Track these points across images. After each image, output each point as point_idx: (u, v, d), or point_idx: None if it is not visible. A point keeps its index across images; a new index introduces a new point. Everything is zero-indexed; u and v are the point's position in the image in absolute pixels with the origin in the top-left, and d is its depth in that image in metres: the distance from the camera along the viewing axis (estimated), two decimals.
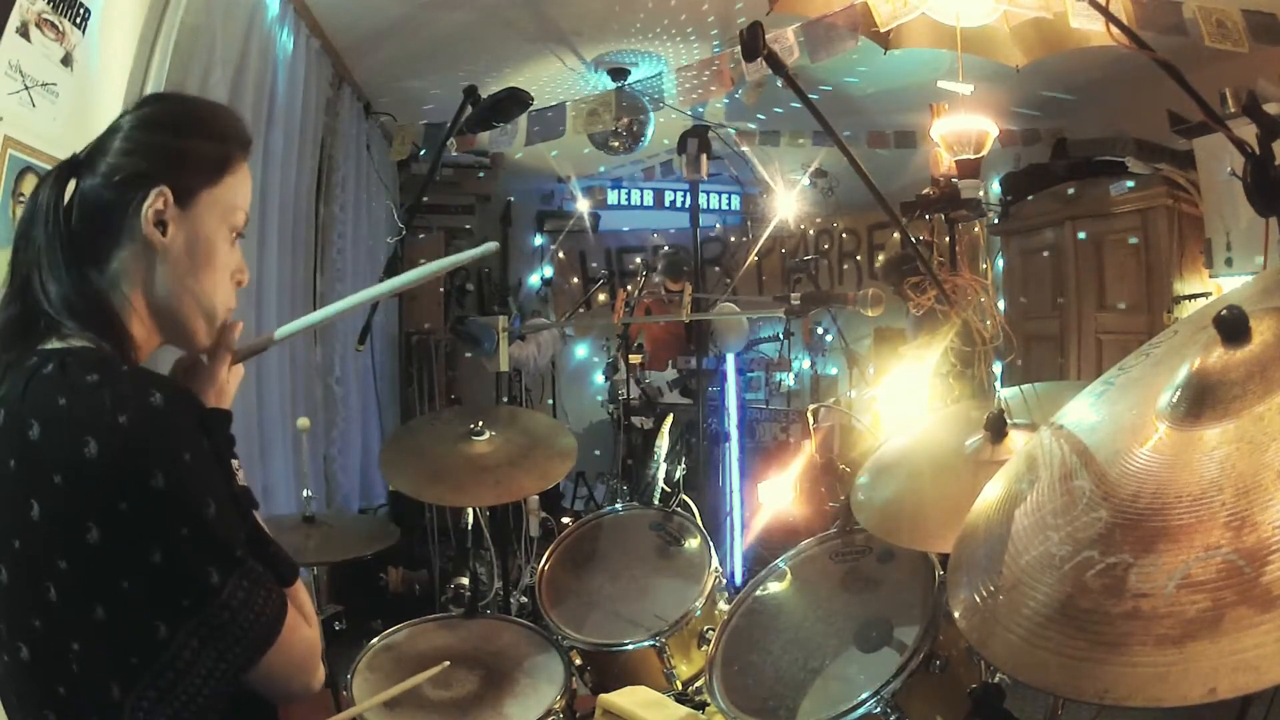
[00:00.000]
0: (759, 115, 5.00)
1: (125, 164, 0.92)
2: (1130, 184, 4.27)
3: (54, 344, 0.89)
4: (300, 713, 1.23)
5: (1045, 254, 4.80)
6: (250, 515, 0.91)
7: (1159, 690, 0.67)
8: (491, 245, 1.17)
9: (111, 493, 0.80)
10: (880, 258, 6.24)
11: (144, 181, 0.92)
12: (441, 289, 5.52)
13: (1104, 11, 1.54)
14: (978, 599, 0.91)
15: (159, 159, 0.94)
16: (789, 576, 1.84)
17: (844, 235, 6.47)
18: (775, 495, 3.79)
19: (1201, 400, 0.85)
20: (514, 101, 2.44)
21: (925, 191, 3.08)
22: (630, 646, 1.97)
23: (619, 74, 4.44)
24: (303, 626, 0.93)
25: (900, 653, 1.48)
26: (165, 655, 0.81)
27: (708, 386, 4.11)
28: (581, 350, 6.64)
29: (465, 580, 2.40)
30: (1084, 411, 1.06)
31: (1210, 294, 3.91)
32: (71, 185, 0.94)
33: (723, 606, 2.03)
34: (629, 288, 5.73)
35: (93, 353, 0.88)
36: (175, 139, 0.95)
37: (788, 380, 5.28)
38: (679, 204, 6.60)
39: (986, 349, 2.59)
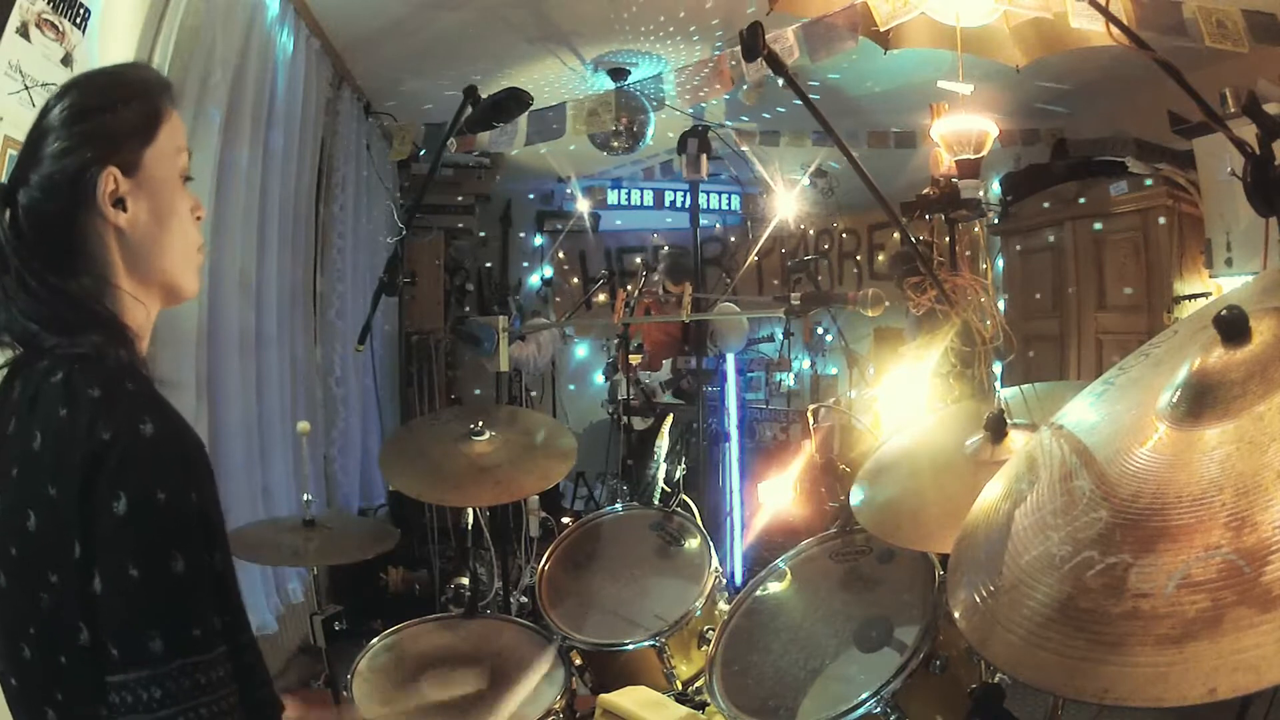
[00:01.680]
0: (761, 115, 5.00)
1: (68, 162, 0.90)
2: (1130, 184, 4.27)
3: (63, 346, 0.87)
4: None
5: (1045, 254, 4.80)
6: (242, 622, 0.86)
7: (1159, 690, 0.67)
8: None
9: (87, 509, 0.77)
10: (880, 257, 6.24)
11: (91, 171, 0.90)
12: (442, 289, 5.53)
13: (1104, 11, 1.54)
14: (978, 599, 0.91)
15: (97, 143, 0.92)
16: (789, 576, 1.84)
17: (844, 235, 6.46)
18: (775, 495, 3.79)
19: (1201, 400, 0.85)
20: (514, 101, 2.44)
21: (925, 191, 3.08)
22: (630, 646, 1.97)
23: (619, 74, 4.44)
24: None
25: (900, 653, 1.48)
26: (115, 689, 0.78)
27: (707, 386, 4.11)
28: (581, 350, 6.64)
29: (465, 580, 2.40)
30: (1084, 411, 1.06)
31: (1210, 294, 3.91)
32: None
33: (723, 606, 2.03)
34: (629, 288, 5.73)
35: (99, 363, 0.86)
36: (105, 117, 0.93)
37: (788, 380, 5.28)
38: (679, 204, 6.60)
39: (986, 349, 2.59)
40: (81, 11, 2.01)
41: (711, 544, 2.15)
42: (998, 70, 3.41)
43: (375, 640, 1.97)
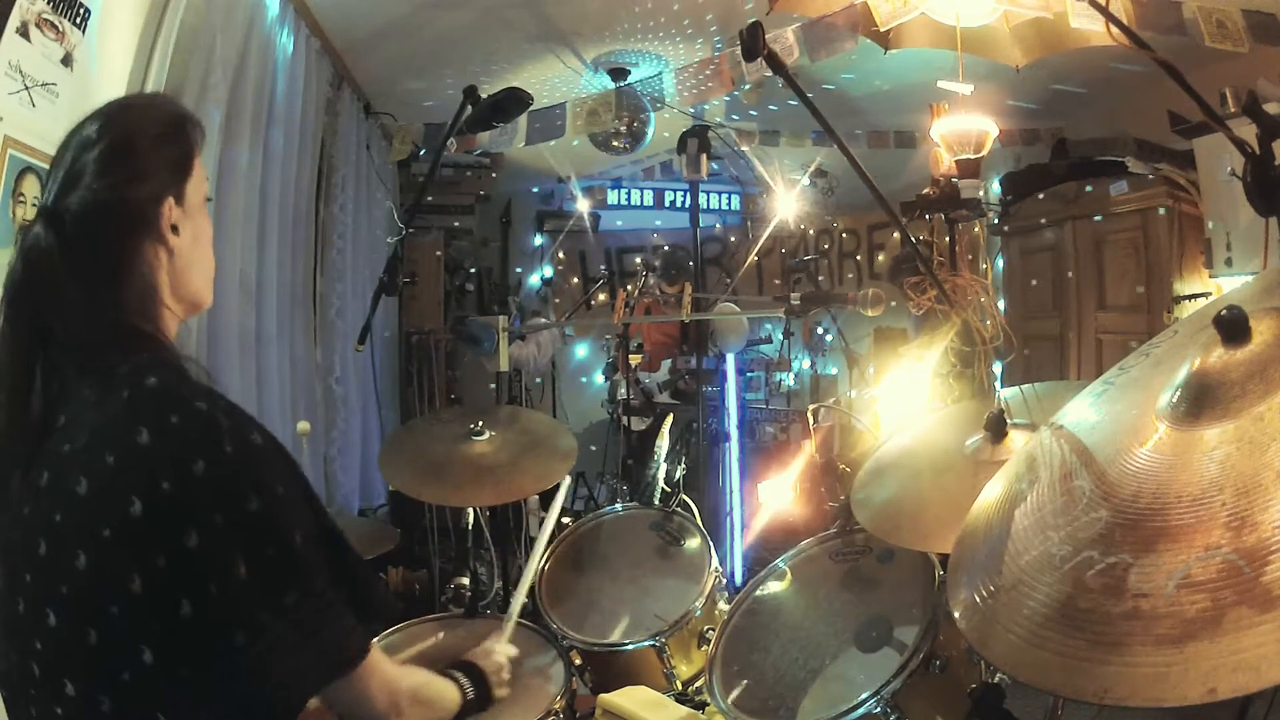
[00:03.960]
0: (760, 114, 5.00)
1: (134, 191, 0.98)
2: (1130, 184, 4.27)
3: (132, 356, 0.93)
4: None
5: (1045, 254, 4.81)
6: (345, 553, 0.99)
7: (1159, 690, 0.67)
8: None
9: (211, 507, 0.86)
10: (881, 257, 6.25)
11: (156, 199, 0.99)
12: (442, 289, 5.52)
13: (1104, 11, 1.54)
14: (978, 599, 0.91)
15: (159, 175, 1.00)
16: (789, 576, 1.84)
17: (844, 235, 6.46)
18: (775, 495, 3.79)
19: (1201, 400, 0.85)
20: (514, 101, 2.44)
21: (925, 191, 3.08)
22: (630, 646, 1.97)
23: (619, 74, 4.44)
24: (389, 676, 1.04)
25: (900, 653, 1.48)
26: (239, 660, 0.87)
27: (706, 386, 4.11)
28: (581, 350, 6.64)
29: (465, 580, 2.40)
30: (1084, 411, 1.06)
31: (1210, 294, 3.91)
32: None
33: (723, 606, 2.03)
34: (629, 288, 5.73)
35: (186, 378, 0.95)
36: (165, 149, 1.02)
37: (788, 380, 5.27)
38: (679, 204, 6.60)
39: (986, 349, 2.59)
40: (81, 11, 2.01)
41: (711, 544, 2.15)
42: (998, 70, 3.41)
43: (375, 640, 1.96)
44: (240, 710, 0.89)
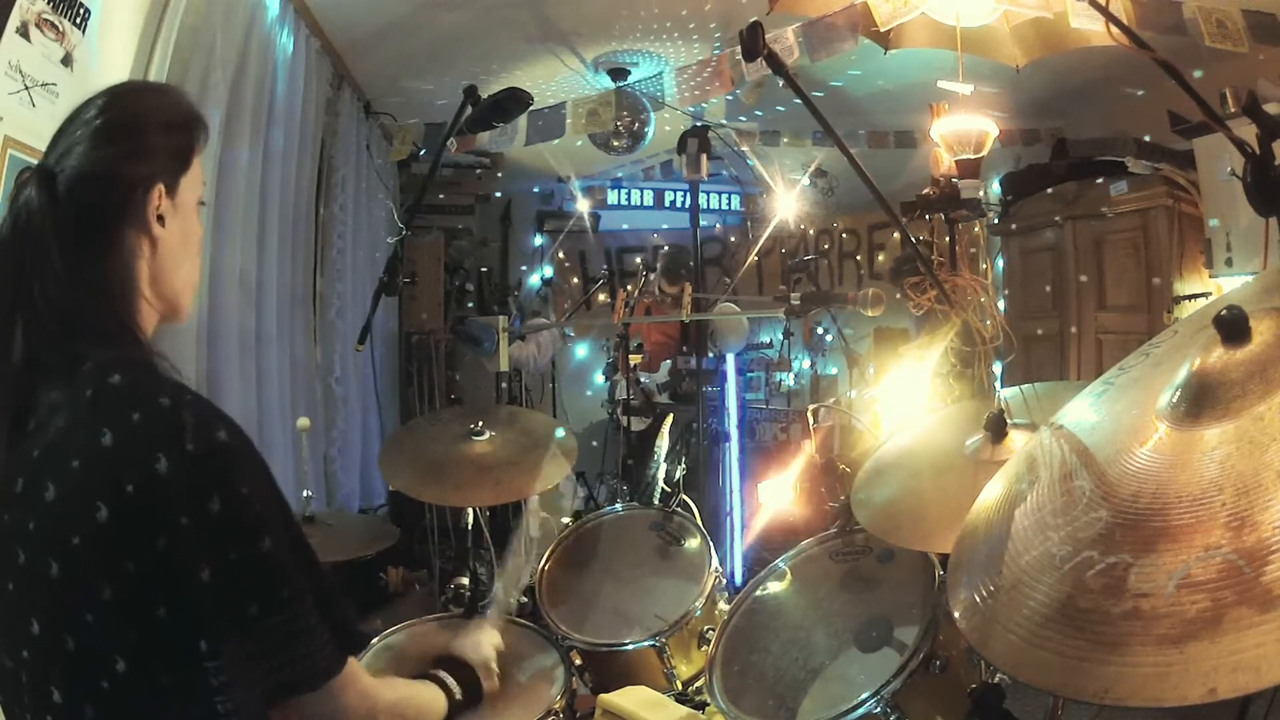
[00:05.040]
0: (759, 112, 5.00)
1: (126, 167, 0.96)
2: (1130, 184, 4.27)
3: (101, 349, 0.91)
4: None
5: (1045, 254, 4.80)
6: (316, 570, 0.95)
7: (1159, 690, 0.67)
8: None
9: (176, 508, 0.84)
10: (881, 257, 6.24)
11: (146, 182, 0.97)
12: (442, 289, 5.52)
13: (1104, 11, 1.54)
14: (978, 599, 0.91)
15: (153, 159, 0.98)
16: (789, 576, 1.84)
17: (844, 235, 6.46)
18: (775, 495, 3.79)
19: (1201, 400, 0.85)
20: (514, 101, 2.44)
21: (925, 191, 3.08)
22: (630, 646, 1.97)
23: (619, 74, 4.44)
24: (367, 691, 0.99)
25: (900, 653, 1.48)
26: (203, 666, 0.85)
27: (706, 386, 4.11)
28: (581, 350, 6.64)
29: (465, 580, 2.40)
30: (1084, 411, 1.06)
31: (1210, 294, 3.91)
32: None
33: (723, 606, 2.03)
34: (629, 288, 5.72)
35: (155, 372, 0.92)
36: (162, 136, 0.99)
37: (788, 380, 5.28)
38: (679, 204, 6.60)
39: (986, 349, 2.59)
40: (81, 11, 2.01)
41: (711, 544, 2.15)
42: (998, 70, 3.41)
43: (375, 640, 1.97)
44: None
